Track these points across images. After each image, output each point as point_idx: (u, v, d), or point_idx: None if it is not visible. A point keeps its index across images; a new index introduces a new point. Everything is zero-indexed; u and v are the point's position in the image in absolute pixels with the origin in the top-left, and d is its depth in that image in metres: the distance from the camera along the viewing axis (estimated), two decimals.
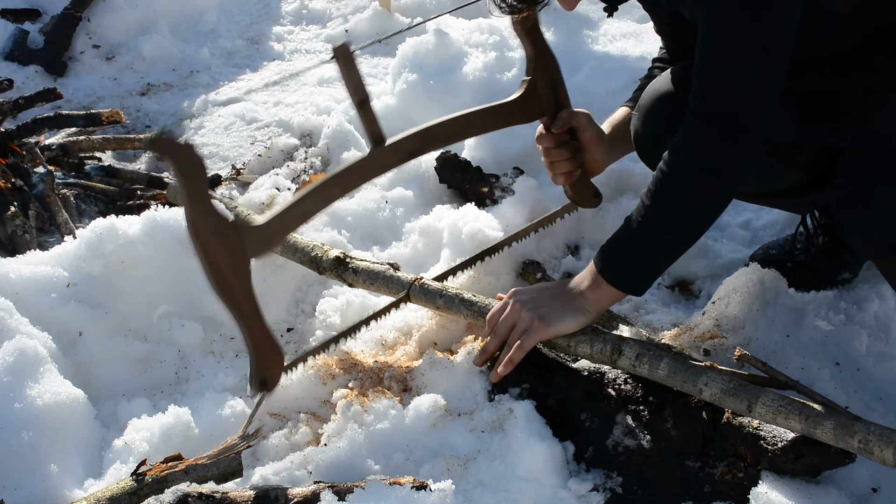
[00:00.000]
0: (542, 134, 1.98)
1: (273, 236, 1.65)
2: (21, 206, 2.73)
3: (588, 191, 2.09)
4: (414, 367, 1.99)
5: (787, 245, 2.30)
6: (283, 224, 1.66)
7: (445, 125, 1.84)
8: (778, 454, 1.58)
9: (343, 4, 4.66)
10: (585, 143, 1.99)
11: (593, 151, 1.99)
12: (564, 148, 1.98)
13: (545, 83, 1.93)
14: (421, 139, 1.80)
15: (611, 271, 1.77)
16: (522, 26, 1.84)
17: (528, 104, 1.93)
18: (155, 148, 1.49)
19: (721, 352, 1.91)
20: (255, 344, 1.64)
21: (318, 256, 2.23)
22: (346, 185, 1.74)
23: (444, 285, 2.10)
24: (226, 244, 1.55)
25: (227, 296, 1.58)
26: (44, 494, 1.71)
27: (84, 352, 2.11)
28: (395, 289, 2.07)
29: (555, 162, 2.01)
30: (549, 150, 2.00)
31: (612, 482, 1.71)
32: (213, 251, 1.54)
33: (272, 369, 1.67)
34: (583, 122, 1.96)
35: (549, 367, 1.86)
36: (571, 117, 1.96)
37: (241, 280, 1.59)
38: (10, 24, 4.19)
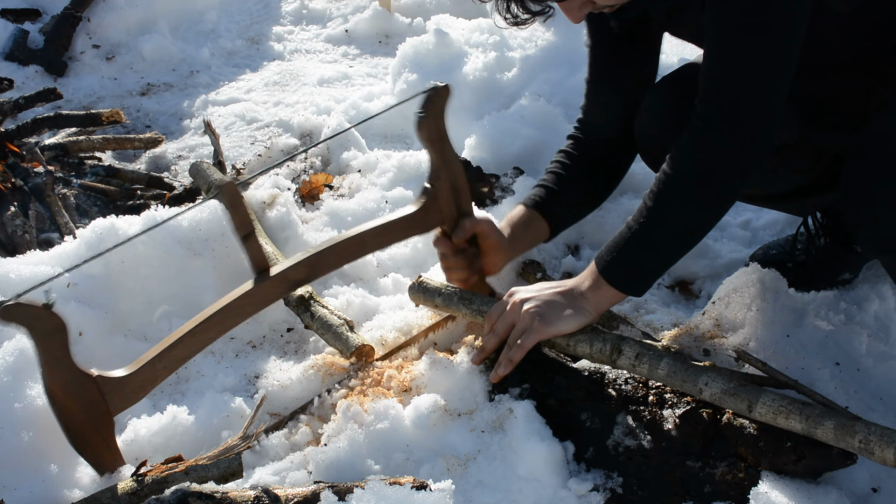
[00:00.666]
0: (440, 239, 1.99)
1: (141, 388, 1.61)
2: (21, 206, 2.73)
3: (483, 292, 2.08)
4: (414, 366, 1.99)
5: (788, 245, 2.30)
6: (152, 374, 1.62)
7: (336, 249, 1.78)
8: (779, 456, 1.58)
9: (343, 4, 4.66)
10: (486, 250, 2.00)
11: (493, 256, 2.01)
12: (461, 256, 1.99)
13: (447, 192, 1.91)
14: (308, 267, 1.73)
15: (611, 272, 1.77)
16: (427, 135, 1.85)
17: (428, 215, 1.91)
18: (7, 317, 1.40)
19: (721, 352, 1.91)
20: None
21: None
22: (225, 325, 1.67)
23: (443, 284, 2.10)
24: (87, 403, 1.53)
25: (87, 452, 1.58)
26: (44, 494, 1.71)
27: (84, 352, 2.10)
28: (342, 347, 2.06)
29: (451, 268, 2.02)
30: (446, 257, 2.00)
31: (612, 482, 1.71)
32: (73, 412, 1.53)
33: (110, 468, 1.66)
34: (485, 230, 1.97)
35: (550, 367, 1.86)
36: (473, 225, 1.96)
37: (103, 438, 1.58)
38: (10, 24, 4.19)
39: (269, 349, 2.25)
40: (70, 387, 1.51)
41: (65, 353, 1.48)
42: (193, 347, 1.65)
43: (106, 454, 1.58)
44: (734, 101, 1.63)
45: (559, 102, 3.02)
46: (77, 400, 1.52)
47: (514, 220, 2.08)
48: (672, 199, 1.70)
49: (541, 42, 3.40)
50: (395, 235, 1.91)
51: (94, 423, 1.55)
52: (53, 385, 1.49)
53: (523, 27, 1.74)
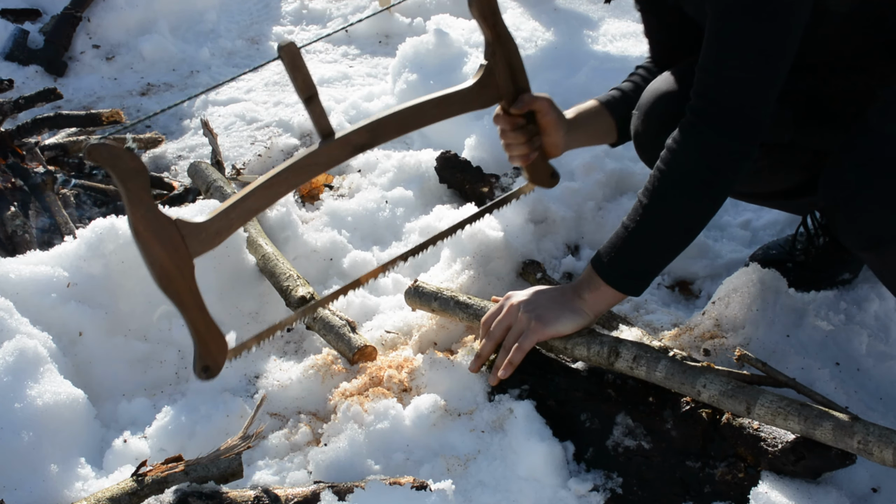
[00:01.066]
0: (499, 115, 1.98)
1: (217, 234, 1.69)
2: (21, 206, 2.73)
3: (545, 172, 2.08)
4: (414, 367, 1.99)
5: (788, 245, 2.30)
6: (226, 222, 1.70)
7: (396, 117, 1.84)
8: (778, 455, 1.58)
9: (343, 4, 4.66)
10: (545, 127, 1.98)
11: (552, 135, 1.98)
12: (520, 131, 1.97)
13: (503, 68, 1.91)
14: (370, 133, 1.80)
15: (608, 272, 1.77)
16: (480, 10, 1.82)
17: (484, 89, 1.92)
18: (94, 156, 1.51)
19: (721, 352, 1.91)
20: (199, 334, 1.72)
21: (288, 288, 2.25)
22: (293, 181, 1.76)
23: (439, 287, 2.10)
24: (169, 244, 1.62)
25: (170, 292, 1.66)
26: (44, 494, 1.71)
27: (84, 352, 2.11)
28: (344, 348, 2.08)
29: (510, 144, 2.01)
30: (505, 132, 1.99)
31: (612, 482, 1.71)
32: (156, 252, 1.61)
33: (215, 357, 1.75)
34: (543, 107, 1.95)
35: (549, 368, 1.86)
36: (532, 101, 1.95)
37: (184, 277, 1.66)
38: (10, 24, 4.19)
39: (269, 349, 2.25)
40: (152, 227, 1.60)
41: (146, 194, 1.58)
42: (264, 200, 1.74)
43: (186, 294, 1.67)
44: (726, 94, 1.63)
45: (559, 102, 2.99)
46: (159, 240, 1.61)
47: (581, 108, 2.08)
48: (667, 196, 1.70)
49: (541, 42, 3.40)
50: (453, 108, 1.92)
51: (175, 263, 1.64)
52: (137, 224, 1.59)
53: None
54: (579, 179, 2.70)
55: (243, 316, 2.32)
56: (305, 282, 2.27)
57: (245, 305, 2.33)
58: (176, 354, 2.19)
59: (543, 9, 4.04)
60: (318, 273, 2.51)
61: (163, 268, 1.63)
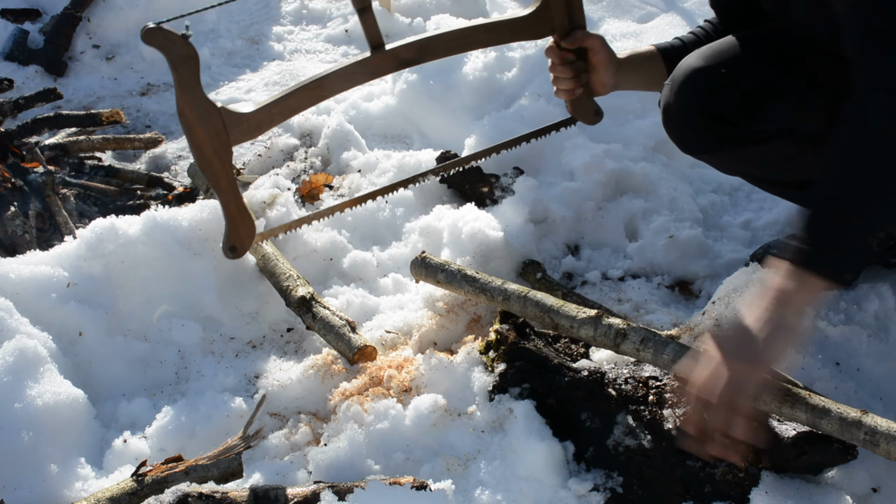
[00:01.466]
0: (551, 48, 2.01)
1: (258, 126, 1.78)
2: (21, 206, 2.73)
3: (590, 109, 2.12)
4: (414, 367, 1.99)
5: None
6: (268, 116, 1.79)
7: (447, 37, 1.89)
8: (780, 451, 1.58)
9: (343, 4, 4.66)
10: (595, 65, 2.00)
11: (601, 73, 2.00)
12: (568, 66, 2.00)
13: (561, 2, 1.94)
14: (419, 49, 1.86)
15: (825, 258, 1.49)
16: None
17: (539, 21, 1.95)
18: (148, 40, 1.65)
19: None
20: (230, 216, 1.82)
21: (288, 288, 2.25)
22: (336, 87, 1.83)
23: (446, 260, 2.09)
24: (212, 130, 1.72)
25: (209, 174, 1.77)
26: (44, 494, 1.71)
27: (84, 352, 2.11)
28: (344, 348, 2.08)
29: (558, 78, 2.04)
30: (554, 65, 2.02)
31: (612, 482, 1.71)
32: (199, 134, 1.71)
33: (243, 239, 1.86)
34: (595, 44, 1.98)
35: (550, 367, 1.86)
36: (584, 37, 1.98)
37: (222, 162, 1.77)
38: (10, 24, 4.19)
39: (269, 349, 2.25)
40: (197, 111, 1.71)
41: (195, 81, 1.70)
42: (305, 101, 1.83)
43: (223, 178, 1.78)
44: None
45: (559, 102, 3.00)
46: (203, 124, 1.72)
47: (636, 51, 2.08)
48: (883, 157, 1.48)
49: (541, 42, 3.39)
50: (503, 36, 1.97)
51: (215, 148, 1.74)
52: (185, 106, 1.69)
53: None
54: (579, 179, 2.70)
55: (243, 316, 2.32)
56: (305, 282, 2.27)
57: (245, 305, 2.33)
58: (176, 354, 2.19)
59: None
60: (318, 273, 2.51)
61: (203, 151, 1.74)
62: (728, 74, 1.83)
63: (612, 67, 2.00)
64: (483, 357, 1.92)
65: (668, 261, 2.44)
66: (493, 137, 2.94)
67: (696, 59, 1.90)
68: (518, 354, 1.86)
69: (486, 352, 1.93)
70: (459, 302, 2.22)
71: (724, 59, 1.70)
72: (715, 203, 2.72)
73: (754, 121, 1.86)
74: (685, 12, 3.73)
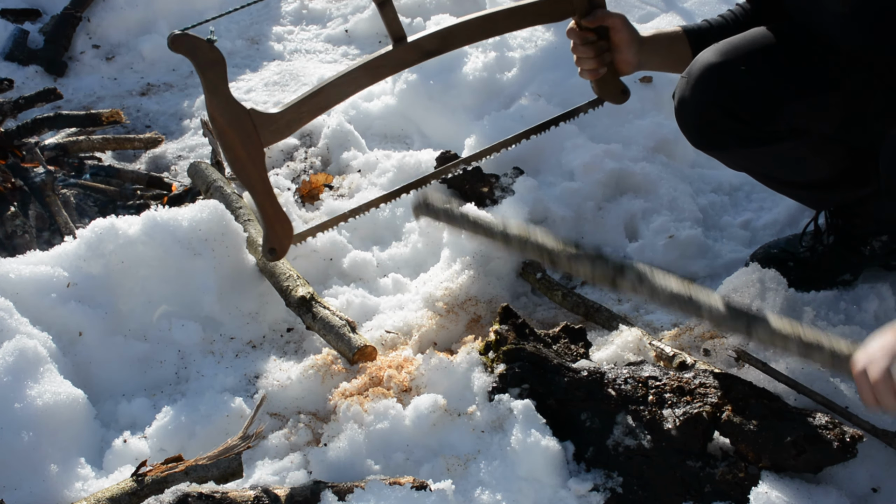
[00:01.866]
0: (572, 29, 2.01)
1: (288, 126, 1.78)
2: (21, 206, 2.73)
3: (616, 88, 2.12)
4: (414, 367, 1.99)
5: (791, 242, 2.29)
6: (297, 115, 1.80)
7: (467, 25, 1.90)
8: (779, 450, 1.58)
9: (343, 4, 4.66)
10: (617, 44, 1.99)
11: (624, 52, 2.00)
12: (590, 46, 2.00)
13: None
14: (441, 39, 1.87)
15: None
16: None
17: (558, 3, 1.94)
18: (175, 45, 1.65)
19: (721, 351, 1.91)
20: (267, 218, 1.82)
21: (288, 288, 2.26)
22: (362, 81, 1.83)
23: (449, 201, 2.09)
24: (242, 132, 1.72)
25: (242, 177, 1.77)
26: (44, 494, 1.71)
27: (84, 352, 2.11)
28: (344, 348, 2.08)
29: (580, 58, 2.03)
30: (575, 46, 2.02)
31: (612, 482, 1.71)
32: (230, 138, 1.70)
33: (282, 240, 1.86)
34: (617, 23, 1.97)
35: (550, 368, 1.86)
36: (605, 17, 1.97)
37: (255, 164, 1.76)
38: (10, 24, 4.19)
39: (269, 349, 2.25)
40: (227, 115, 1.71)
41: (223, 84, 1.69)
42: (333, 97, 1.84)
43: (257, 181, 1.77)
44: None
45: (559, 102, 3.01)
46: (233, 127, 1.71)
47: (662, 31, 2.07)
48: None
49: (541, 42, 3.39)
50: (524, 20, 1.97)
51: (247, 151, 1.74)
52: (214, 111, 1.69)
53: None
54: (579, 179, 2.70)
55: (243, 316, 2.32)
56: (305, 282, 2.27)
57: (245, 305, 2.33)
58: (176, 354, 2.19)
59: None
60: (318, 273, 2.51)
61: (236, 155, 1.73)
62: (745, 72, 1.82)
63: (634, 45, 1.99)
64: (482, 358, 1.92)
65: (668, 261, 2.44)
66: (493, 137, 2.94)
67: (714, 55, 1.88)
68: (517, 355, 1.86)
69: (486, 352, 1.94)
70: (459, 302, 2.22)
71: (742, 56, 1.69)
72: (715, 203, 2.72)
73: (769, 120, 1.85)
74: (685, 12, 3.72)
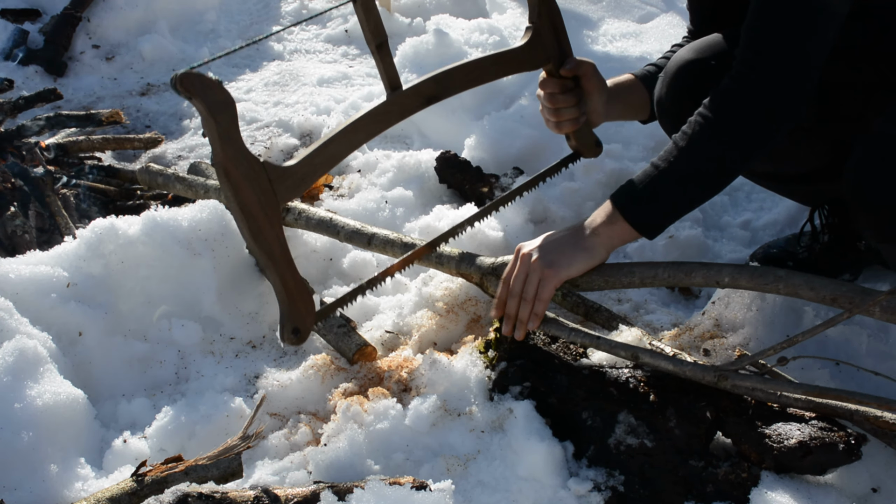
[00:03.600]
0: (547, 79, 1.98)
1: (303, 181, 1.61)
2: (21, 206, 2.73)
3: (591, 139, 2.09)
4: (414, 367, 1.99)
5: (791, 241, 2.30)
6: (311, 168, 1.64)
7: (462, 70, 1.87)
8: (785, 452, 1.58)
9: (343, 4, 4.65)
10: (589, 91, 1.99)
11: (596, 100, 1.99)
12: (570, 94, 1.98)
13: (549, 29, 1.93)
14: (439, 84, 1.82)
15: (630, 207, 1.74)
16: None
17: (534, 50, 1.93)
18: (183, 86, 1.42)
19: (721, 351, 1.91)
20: (289, 293, 1.59)
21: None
22: (371, 129, 1.75)
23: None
24: (257, 187, 1.51)
25: (259, 242, 1.53)
26: (44, 494, 1.71)
27: (84, 352, 2.11)
28: (345, 348, 2.10)
29: (561, 108, 2.00)
30: (554, 95, 1.99)
31: (614, 481, 1.71)
32: (247, 196, 1.49)
33: (305, 318, 1.61)
34: (588, 70, 1.97)
35: (551, 366, 1.86)
36: (578, 64, 1.96)
37: (272, 224, 1.54)
38: (10, 24, 4.19)
39: (269, 349, 2.25)
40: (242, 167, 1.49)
41: (236, 130, 1.47)
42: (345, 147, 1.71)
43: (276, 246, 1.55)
44: (775, 47, 1.63)
45: None
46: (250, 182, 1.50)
47: (618, 81, 2.08)
48: (706, 138, 1.69)
49: None
50: (510, 67, 1.94)
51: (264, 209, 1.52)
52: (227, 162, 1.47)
53: None
54: (579, 179, 2.70)
55: (243, 316, 2.32)
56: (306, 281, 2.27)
57: (245, 305, 2.33)
58: (176, 354, 2.19)
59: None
60: (318, 273, 2.51)
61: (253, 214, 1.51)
62: (716, 66, 1.84)
63: (605, 93, 1.99)
64: (482, 356, 1.92)
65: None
66: (493, 137, 2.95)
67: (688, 52, 1.92)
68: (518, 353, 1.86)
69: (486, 351, 1.94)
70: (459, 302, 2.22)
71: (716, 53, 1.71)
72: (715, 203, 2.72)
73: None
74: (685, 12, 3.73)
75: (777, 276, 1.61)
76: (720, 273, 1.67)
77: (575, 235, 1.81)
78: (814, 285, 1.58)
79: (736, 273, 1.66)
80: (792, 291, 1.60)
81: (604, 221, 1.77)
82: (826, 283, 1.58)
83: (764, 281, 1.62)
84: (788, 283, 1.59)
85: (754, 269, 1.65)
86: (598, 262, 1.80)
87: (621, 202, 1.76)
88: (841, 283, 1.59)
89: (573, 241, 1.80)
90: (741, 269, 1.67)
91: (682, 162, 1.71)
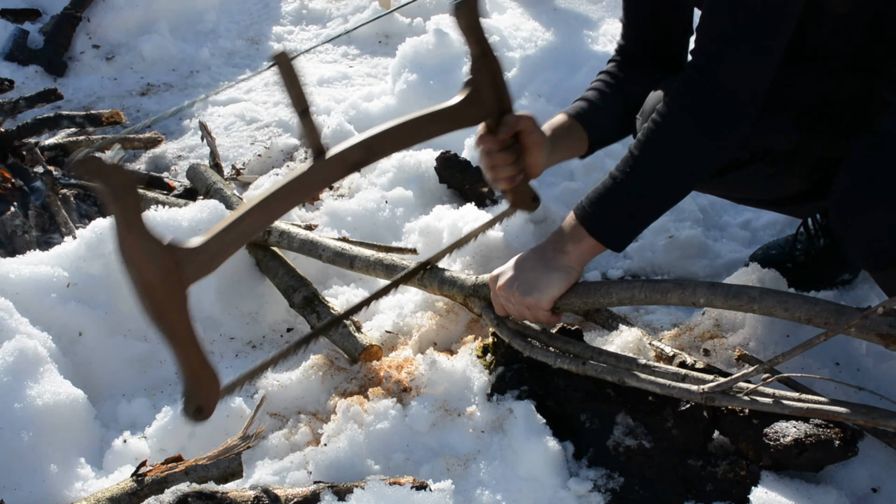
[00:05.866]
0: (485, 136, 1.89)
1: (212, 260, 1.55)
2: (21, 206, 2.73)
3: (528, 194, 1.99)
4: (414, 367, 1.99)
5: (788, 245, 2.30)
6: (222, 246, 1.57)
7: (390, 133, 1.77)
8: (781, 450, 1.58)
9: (343, 4, 4.66)
10: (530, 147, 1.90)
11: (535, 155, 1.90)
12: (508, 151, 1.89)
13: (488, 85, 1.84)
14: (365, 149, 1.71)
15: (593, 222, 1.73)
16: (467, 23, 1.75)
17: (471, 107, 1.85)
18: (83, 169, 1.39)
19: (721, 351, 1.91)
20: (192, 372, 1.56)
21: (291, 288, 2.26)
22: (290, 201, 1.66)
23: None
24: (161, 269, 1.47)
25: (162, 322, 1.50)
26: (44, 494, 1.71)
27: (84, 352, 2.11)
28: (350, 348, 2.08)
29: (498, 166, 1.91)
30: (492, 153, 1.90)
31: (613, 482, 1.71)
32: (148, 278, 1.46)
33: (209, 397, 1.58)
34: (528, 126, 1.88)
35: (548, 369, 1.86)
36: (518, 121, 1.87)
37: (177, 306, 1.51)
38: (10, 24, 4.19)
39: (269, 349, 2.25)
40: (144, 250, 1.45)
41: (138, 214, 1.43)
42: (260, 221, 1.63)
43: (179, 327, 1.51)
44: (725, 48, 1.62)
45: (559, 102, 3.02)
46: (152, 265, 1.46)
47: (555, 125, 2.03)
48: (660, 145, 1.68)
49: (541, 42, 3.40)
50: (443, 126, 1.84)
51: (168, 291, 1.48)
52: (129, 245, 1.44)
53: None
54: (579, 179, 2.70)
55: (243, 316, 2.32)
56: (308, 282, 2.27)
57: (245, 305, 2.33)
58: None
59: (543, 9, 4.04)
60: (318, 273, 2.51)
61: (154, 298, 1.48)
62: None
63: (546, 146, 1.92)
64: (481, 361, 1.92)
65: (668, 261, 2.44)
66: None
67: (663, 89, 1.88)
68: (516, 357, 1.86)
69: (484, 355, 1.94)
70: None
71: None
72: (715, 203, 2.72)
73: None
74: None
75: (751, 297, 1.60)
76: (695, 293, 1.67)
77: (545, 257, 1.80)
78: (788, 306, 1.57)
79: (710, 293, 1.65)
80: (766, 312, 1.59)
81: (572, 239, 1.76)
82: (800, 302, 1.57)
83: (738, 302, 1.62)
84: (763, 305, 1.59)
85: (728, 289, 1.64)
86: (575, 279, 1.80)
87: (584, 219, 1.75)
88: (815, 303, 1.57)
89: (544, 263, 1.79)
90: (715, 288, 1.66)
91: (639, 172, 1.69)
